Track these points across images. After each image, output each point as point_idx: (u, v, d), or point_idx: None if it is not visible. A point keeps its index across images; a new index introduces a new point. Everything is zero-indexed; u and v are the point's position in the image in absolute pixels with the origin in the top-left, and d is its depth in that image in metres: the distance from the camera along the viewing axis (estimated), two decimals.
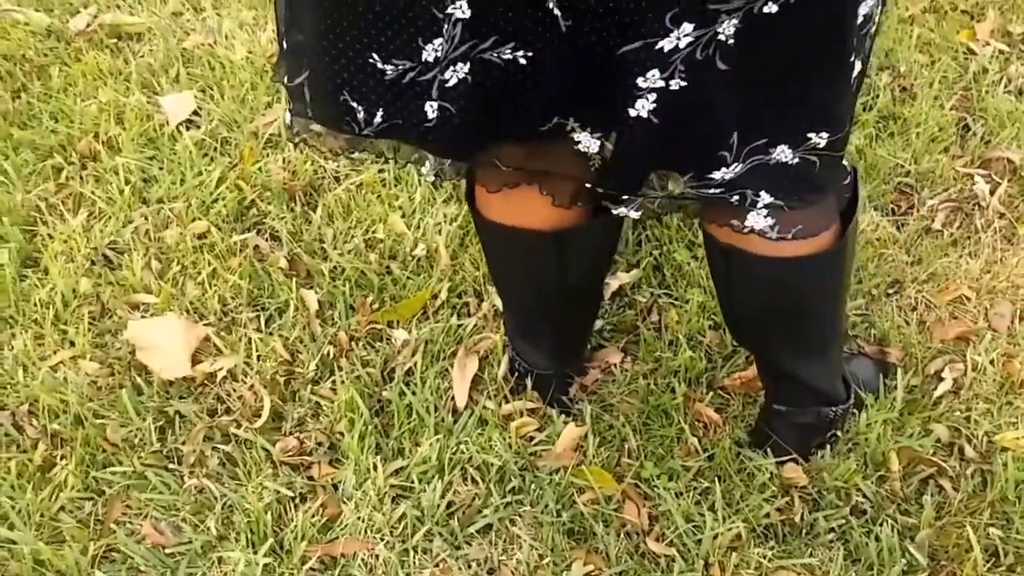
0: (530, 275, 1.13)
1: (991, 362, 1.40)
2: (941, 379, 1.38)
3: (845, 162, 1.00)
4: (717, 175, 0.86)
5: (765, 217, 0.93)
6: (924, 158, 1.72)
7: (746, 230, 0.95)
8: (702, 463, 1.29)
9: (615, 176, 0.90)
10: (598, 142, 0.87)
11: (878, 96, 1.83)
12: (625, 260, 1.55)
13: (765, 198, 0.90)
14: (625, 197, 0.94)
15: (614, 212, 0.96)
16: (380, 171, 1.69)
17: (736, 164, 0.84)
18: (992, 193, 1.65)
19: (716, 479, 1.27)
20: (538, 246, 1.04)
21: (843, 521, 1.23)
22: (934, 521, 1.22)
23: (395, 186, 1.66)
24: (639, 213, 0.95)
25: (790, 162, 0.88)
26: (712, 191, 0.88)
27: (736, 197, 0.89)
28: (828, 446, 1.28)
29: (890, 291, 1.52)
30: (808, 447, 1.26)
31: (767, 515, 1.24)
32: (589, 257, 1.09)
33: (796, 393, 1.21)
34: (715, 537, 1.20)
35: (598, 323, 1.46)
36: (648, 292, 1.51)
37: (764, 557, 1.19)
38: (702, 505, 1.24)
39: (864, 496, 1.25)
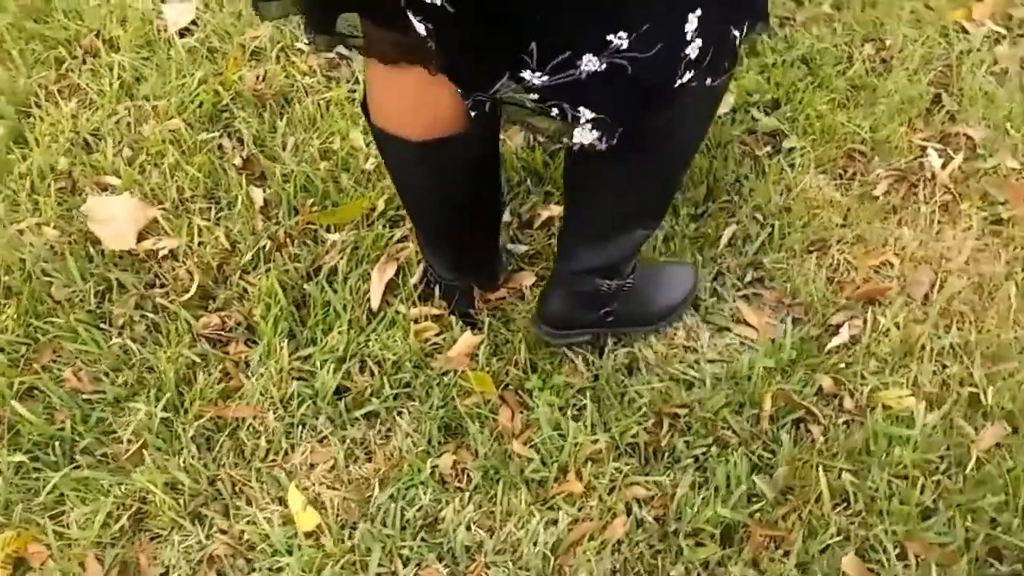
0: (410, 183, 1.20)
1: (896, 325, 1.42)
2: (837, 333, 1.40)
3: (686, 76, 0.94)
4: (527, 75, 0.88)
5: (591, 131, 0.94)
6: (883, 128, 1.72)
7: (575, 147, 0.97)
8: (586, 383, 1.35)
9: (445, 64, 0.92)
10: (423, 27, 0.88)
11: (852, 64, 1.83)
12: (558, 193, 1.61)
13: (586, 114, 0.92)
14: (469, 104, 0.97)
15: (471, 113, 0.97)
16: (351, 90, 1.78)
17: (542, 73, 0.87)
18: (944, 167, 1.65)
19: (598, 399, 1.33)
20: (409, 154, 1.11)
21: (704, 449, 1.27)
22: (793, 460, 1.26)
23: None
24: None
25: (598, 69, 0.88)
26: (531, 98, 0.91)
27: (555, 111, 0.92)
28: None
29: (812, 248, 1.54)
30: (573, 319, 1.33)
31: (635, 435, 1.29)
32: (460, 170, 1.15)
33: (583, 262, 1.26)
34: (577, 447, 1.26)
35: (520, 247, 1.53)
36: None
37: (620, 471, 1.25)
38: (577, 420, 1.31)
39: (732, 430, 1.30)
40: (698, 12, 0.92)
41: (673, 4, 0.89)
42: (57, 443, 1.27)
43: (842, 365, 1.36)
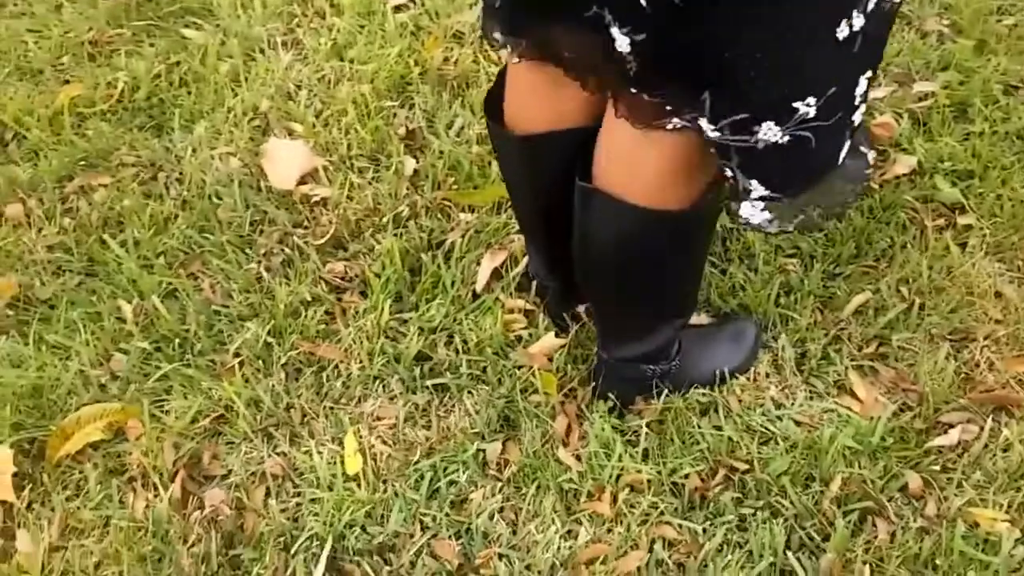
0: (508, 175, 1.24)
1: (1022, 441, 1.25)
2: (946, 432, 1.26)
3: (858, 142, 0.89)
4: (703, 124, 0.83)
5: (762, 211, 0.88)
6: None
7: (741, 220, 0.91)
8: (654, 415, 1.32)
9: (640, 79, 0.88)
10: (627, 40, 0.85)
11: None
12: None
13: (758, 189, 0.85)
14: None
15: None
16: None
17: (714, 128, 0.81)
18: None
19: (660, 431, 1.30)
20: (511, 146, 1.15)
21: (752, 512, 1.20)
22: (844, 551, 1.15)
23: None
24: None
25: (780, 141, 0.81)
26: (711, 136, 0.85)
27: (728, 171, 0.85)
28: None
29: (952, 337, 1.39)
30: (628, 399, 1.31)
31: (685, 476, 1.25)
32: (556, 168, 1.15)
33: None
34: (620, 470, 1.24)
35: None
36: None
37: (656, 507, 1.22)
38: (631, 445, 1.29)
39: (789, 500, 1.21)
40: (868, 73, 0.83)
41: (855, 61, 0.80)
42: (178, 340, 1.45)
43: (938, 468, 1.22)
